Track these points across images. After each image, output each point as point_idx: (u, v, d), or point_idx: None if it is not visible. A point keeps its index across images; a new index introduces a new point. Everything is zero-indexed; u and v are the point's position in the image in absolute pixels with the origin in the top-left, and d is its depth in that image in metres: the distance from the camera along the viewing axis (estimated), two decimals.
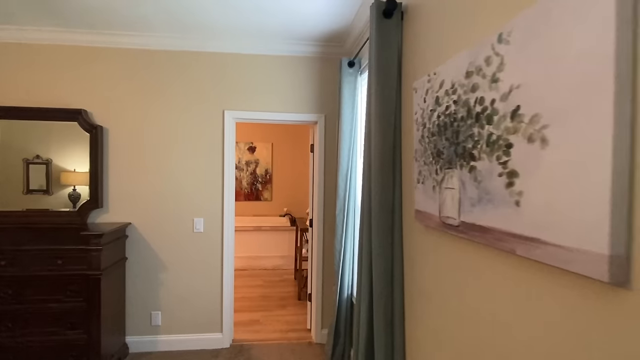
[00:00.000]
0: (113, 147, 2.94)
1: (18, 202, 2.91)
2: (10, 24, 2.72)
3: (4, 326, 2.45)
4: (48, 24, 2.70)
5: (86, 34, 2.81)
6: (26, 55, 2.84)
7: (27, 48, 2.84)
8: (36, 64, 2.85)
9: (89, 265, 2.48)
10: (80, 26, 2.73)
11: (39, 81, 2.86)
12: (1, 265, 2.44)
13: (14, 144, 2.90)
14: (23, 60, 2.84)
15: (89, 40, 2.85)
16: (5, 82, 2.84)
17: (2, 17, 2.61)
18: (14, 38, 2.80)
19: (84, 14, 2.52)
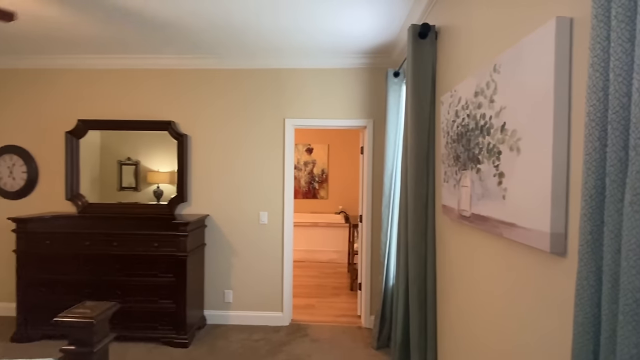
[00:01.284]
0: (195, 152, 3.53)
1: (113, 196, 3.63)
2: (120, 54, 3.42)
3: (114, 293, 3.11)
4: (149, 51, 3.35)
5: (174, 59, 3.43)
6: (129, 78, 3.54)
7: (130, 72, 3.53)
8: (136, 85, 3.54)
9: (178, 248, 3.07)
10: (171, 52, 3.34)
11: (138, 98, 3.55)
12: (114, 245, 3.12)
13: (111, 149, 3.62)
14: (126, 82, 3.54)
15: (175, 64, 3.47)
16: (112, 100, 3.56)
17: (116, 48, 3.31)
18: (121, 65, 3.51)
19: (177, 42, 3.11)
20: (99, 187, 3.61)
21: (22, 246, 3.13)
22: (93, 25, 2.74)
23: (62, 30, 2.84)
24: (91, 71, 3.57)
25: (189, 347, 3.05)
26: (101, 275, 3.10)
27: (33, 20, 2.66)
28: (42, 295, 3.13)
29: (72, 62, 3.52)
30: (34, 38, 3.04)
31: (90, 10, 2.49)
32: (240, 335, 3.29)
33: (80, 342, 1.57)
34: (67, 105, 3.59)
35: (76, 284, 3.11)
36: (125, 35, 2.93)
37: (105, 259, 3.10)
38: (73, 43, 3.14)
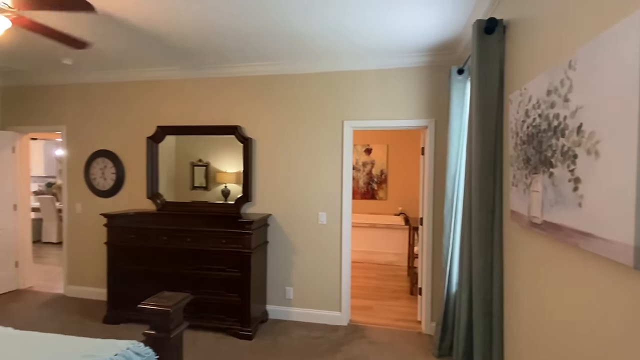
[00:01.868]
0: (259, 154, 3.71)
1: (187, 195, 3.94)
2: (191, 67, 3.72)
3: (188, 285, 3.39)
4: (216, 62, 3.60)
5: (239, 67, 3.64)
6: (201, 87, 3.83)
7: (201, 82, 3.82)
8: (206, 93, 3.82)
9: (243, 245, 3.25)
10: (236, 62, 3.55)
11: (208, 106, 3.82)
12: (187, 241, 3.40)
13: (185, 152, 3.94)
14: (198, 91, 3.84)
15: (241, 72, 3.68)
16: (186, 108, 3.88)
17: (187, 62, 3.60)
18: (194, 75, 3.81)
19: (242, 52, 3.30)
20: (174, 186, 3.96)
21: (111, 239, 3.55)
22: (171, 44, 3.02)
23: (143, 48, 3.17)
24: (168, 82, 3.92)
25: (252, 340, 3.22)
26: (177, 268, 3.40)
27: (116, 42, 3.01)
28: (127, 284, 3.52)
29: (152, 75, 3.90)
30: (118, 56, 3.42)
31: (169, 36, 2.75)
32: (300, 332, 3.39)
33: (159, 328, 1.75)
34: (149, 113, 3.99)
35: (155, 275, 3.44)
36: (195, 50, 3.17)
37: (180, 253, 3.39)
38: (152, 58, 3.48)
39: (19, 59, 3.61)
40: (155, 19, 2.58)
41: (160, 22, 2.64)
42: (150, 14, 2.51)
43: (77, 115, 4.22)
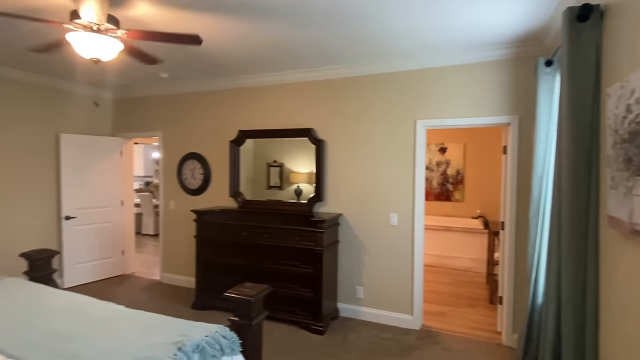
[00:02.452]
0: (330, 155, 3.81)
1: (263, 194, 4.19)
2: (267, 72, 3.95)
3: (265, 278, 3.59)
4: (290, 68, 3.77)
5: (313, 72, 3.77)
6: (276, 92, 4.05)
7: (277, 87, 4.04)
8: (282, 98, 4.03)
9: (315, 243, 3.37)
10: (309, 66, 3.68)
11: (284, 110, 4.02)
12: (265, 237, 3.63)
13: (261, 153, 4.19)
14: (274, 96, 4.06)
15: (313, 76, 3.80)
16: (264, 112, 4.13)
17: (263, 68, 3.83)
18: (270, 82, 4.05)
19: (317, 57, 3.43)
20: (252, 186, 4.25)
21: (199, 233, 3.93)
22: (252, 53, 3.25)
23: (228, 59, 3.45)
24: (249, 89, 4.22)
25: (324, 335, 3.32)
26: (255, 262, 3.65)
27: (207, 57, 3.32)
28: (212, 274, 3.87)
29: (235, 83, 4.23)
30: (206, 67, 3.77)
31: (251, 45, 2.96)
32: (370, 332, 3.40)
33: (242, 315, 1.91)
34: (232, 119, 4.33)
35: (236, 267, 3.73)
36: (274, 57, 3.37)
37: (258, 248, 3.63)
38: (235, 68, 3.77)
39: (125, 75, 4.18)
40: (240, 32, 2.80)
41: (244, 35, 2.86)
42: (238, 32, 2.73)
43: (171, 122, 4.74)
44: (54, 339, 1.70)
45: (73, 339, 1.71)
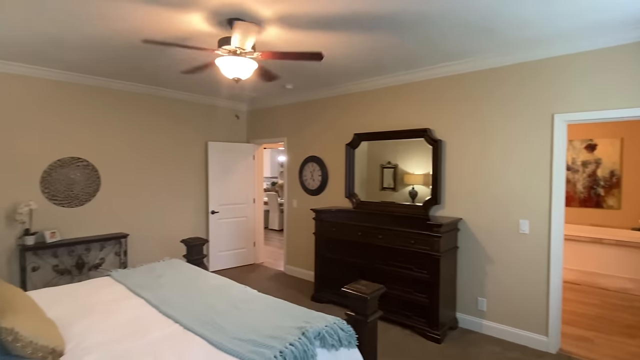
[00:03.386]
0: (449, 156, 3.63)
1: (376, 195, 4.21)
2: (381, 75, 3.98)
3: (378, 278, 3.64)
4: (404, 69, 3.73)
5: (428, 70, 3.65)
6: (391, 94, 4.05)
7: (391, 89, 4.04)
8: (396, 99, 4.01)
9: (431, 247, 3.26)
10: (425, 65, 3.58)
11: (398, 111, 4.00)
12: (378, 238, 3.67)
13: (375, 155, 4.22)
14: (389, 98, 4.07)
15: (429, 75, 3.68)
16: (379, 115, 4.18)
17: (376, 72, 3.88)
18: (384, 84, 4.07)
19: (434, 56, 3.32)
20: (366, 187, 4.34)
21: (318, 230, 4.20)
22: (364, 59, 3.34)
23: (340, 67, 3.62)
24: (362, 93, 4.33)
25: (440, 344, 3.18)
26: (369, 261, 3.72)
27: (325, 67, 3.53)
28: (328, 269, 4.09)
29: (349, 88, 4.39)
30: (324, 76, 4.01)
31: (369, 52, 3.06)
32: (494, 348, 3.12)
33: (358, 311, 1.99)
34: (347, 123, 4.51)
35: (351, 265, 3.87)
36: (387, 60, 3.39)
37: (372, 248, 3.70)
38: (350, 74, 3.92)
39: (257, 89, 4.75)
40: (353, 42, 2.92)
41: (356, 44, 2.97)
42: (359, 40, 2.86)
43: (295, 128, 5.19)
44: (207, 310, 2.08)
45: (219, 313, 2.05)
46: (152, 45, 3.01)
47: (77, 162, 4.18)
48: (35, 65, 3.73)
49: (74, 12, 2.40)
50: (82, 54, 3.32)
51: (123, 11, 2.38)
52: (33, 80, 3.83)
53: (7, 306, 1.60)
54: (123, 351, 1.65)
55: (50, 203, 3.98)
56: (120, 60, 3.50)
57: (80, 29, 2.68)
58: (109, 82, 4.32)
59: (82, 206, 4.22)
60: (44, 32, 2.76)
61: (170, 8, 2.33)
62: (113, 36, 2.83)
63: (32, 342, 1.51)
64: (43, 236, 3.84)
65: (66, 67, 3.80)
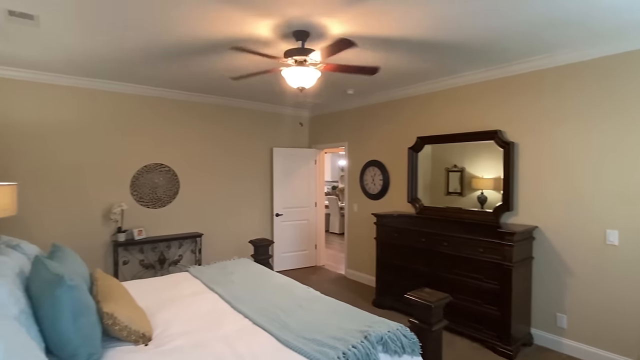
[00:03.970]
0: (523, 159, 3.39)
1: (441, 200, 4.05)
2: (441, 77, 3.85)
3: (444, 287, 3.50)
4: (468, 69, 3.58)
5: (497, 69, 3.45)
6: (455, 95, 3.90)
7: (455, 90, 3.89)
8: (462, 100, 3.85)
9: (503, 257, 3.07)
10: (499, 62, 3.40)
11: (464, 112, 3.84)
12: (443, 245, 3.54)
13: (440, 158, 4.07)
14: (453, 99, 3.92)
15: (498, 74, 3.48)
16: (443, 117, 4.04)
17: (437, 74, 3.76)
18: (446, 85, 3.93)
19: (506, 53, 3.15)
20: (430, 192, 4.20)
21: (379, 235, 4.18)
22: (429, 60, 3.27)
23: (406, 68, 3.57)
24: (425, 95, 4.23)
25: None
26: (433, 269, 3.61)
27: (389, 69, 3.52)
28: (390, 275, 4.04)
29: (411, 91, 4.32)
30: (386, 80, 3.98)
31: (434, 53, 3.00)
32: None
33: (421, 319, 1.96)
34: (409, 126, 4.43)
35: (413, 272, 3.79)
36: (453, 59, 3.27)
37: (436, 256, 3.59)
38: (411, 76, 3.85)
39: (319, 95, 4.87)
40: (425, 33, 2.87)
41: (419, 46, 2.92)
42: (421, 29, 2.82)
43: (355, 133, 5.22)
44: (273, 308, 2.19)
45: (285, 310, 2.15)
46: (217, 53, 3.18)
47: (160, 167, 4.64)
48: (126, 83, 4.23)
49: (154, 25, 2.68)
50: (160, 69, 3.68)
51: (185, 12, 2.30)
52: (124, 96, 4.35)
53: (107, 294, 1.85)
54: (202, 340, 1.81)
55: (137, 204, 4.47)
56: (193, 75, 3.84)
57: (158, 39, 2.89)
58: (188, 95, 4.75)
59: (164, 207, 4.67)
60: (132, 48, 3.08)
61: (245, 12, 2.29)
62: (175, 41, 2.97)
63: (127, 326, 1.73)
64: (132, 234, 4.32)
65: (151, 84, 4.27)
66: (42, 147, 3.85)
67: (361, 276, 5.10)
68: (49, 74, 3.79)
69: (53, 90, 3.89)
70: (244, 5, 2.21)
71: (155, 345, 1.76)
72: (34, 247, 2.14)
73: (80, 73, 3.81)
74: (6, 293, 1.31)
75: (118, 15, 2.34)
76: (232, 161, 5.27)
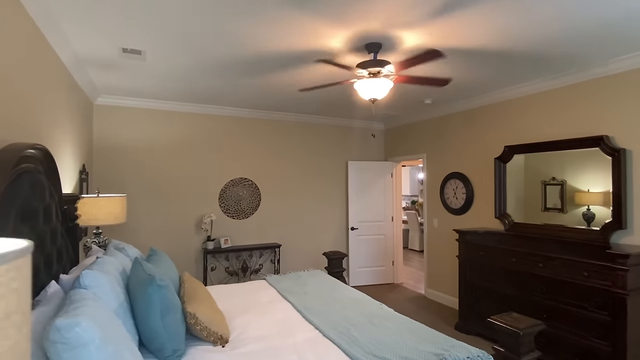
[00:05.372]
0: (637, 168, 2.88)
1: (537, 217, 3.59)
2: (533, 79, 3.48)
3: (539, 314, 3.10)
4: (563, 70, 3.18)
5: (601, 67, 3.01)
6: (549, 99, 3.49)
7: (549, 94, 3.48)
8: (558, 104, 3.42)
9: (614, 283, 2.60)
10: (602, 58, 2.97)
11: (562, 117, 3.40)
12: (538, 266, 3.15)
13: (535, 170, 3.63)
14: (548, 104, 3.51)
15: (604, 71, 3.03)
16: (535, 123, 3.64)
17: (524, 77, 3.40)
18: (539, 89, 3.54)
19: (611, 48, 2.75)
20: (523, 207, 3.78)
21: (462, 253, 3.88)
22: (517, 61, 3.00)
23: (492, 72, 3.32)
24: (513, 100, 3.87)
25: None
26: (525, 293, 3.22)
27: (468, 73, 3.31)
28: (475, 298, 3.70)
29: (497, 97, 3.99)
30: (468, 86, 3.75)
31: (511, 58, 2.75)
32: None
33: (508, 347, 1.75)
34: (495, 134, 4.09)
35: (502, 295, 3.42)
36: (541, 58, 2.95)
37: (529, 278, 3.20)
38: (497, 80, 3.56)
39: (393, 107, 4.78)
40: (503, 37, 2.66)
41: (508, 39, 2.70)
42: (501, 34, 2.62)
43: (434, 144, 4.99)
44: (344, 322, 2.16)
45: (355, 325, 2.10)
46: (284, 69, 3.29)
47: (244, 181, 4.99)
48: (214, 105, 4.68)
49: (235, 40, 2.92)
50: (241, 87, 3.98)
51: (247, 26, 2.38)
52: (213, 117, 4.81)
53: (192, 296, 2.02)
54: (274, 347, 1.86)
55: (224, 215, 4.84)
56: (270, 94, 4.08)
57: (239, 53, 3.19)
58: (268, 114, 5.07)
59: (247, 218, 4.99)
60: (215, 65, 3.42)
61: (323, 23, 2.28)
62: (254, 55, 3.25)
63: (207, 327, 1.86)
64: (219, 242, 4.69)
65: (235, 104, 4.65)
66: (148, 164, 4.43)
67: (443, 297, 4.77)
68: (153, 101, 4.38)
69: (155, 114, 4.48)
70: (322, 16, 2.19)
71: (232, 348, 1.86)
72: (136, 250, 2.44)
73: (177, 99, 4.33)
74: (109, 288, 1.52)
75: (206, 40, 2.60)
76: (308, 174, 5.43)
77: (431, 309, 4.53)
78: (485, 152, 4.21)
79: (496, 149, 4.01)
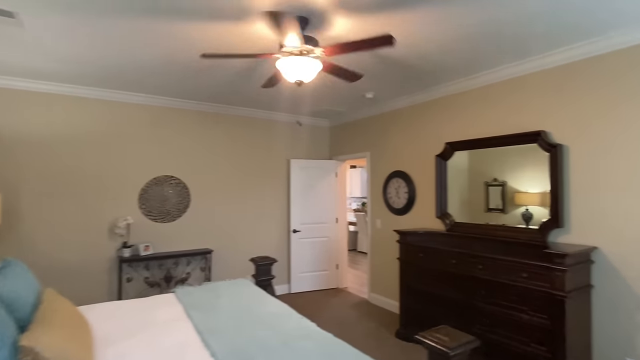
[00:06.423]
0: (574, 165, 2.79)
1: (480, 217, 3.45)
2: (473, 74, 3.34)
3: (480, 320, 2.92)
4: (497, 64, 3.05)
5: (536, 60, 2.91)
6: (485, 94, 3.37)
7: (484, 89, 3.36)
8: (495, 100, 3.30)
9: (551, 284, 2.46)
10: (538, 52, 2.86)
11: (499, 113, 3.29)
12: (478, 268, 2.97)
13: (477, 170, 3.50)
14: (483, 99, 3.39)
15: (537, 65, 2.93)
16: (474, 120, 3.50)
17: (474, 67, 3.25)
18: (474, 84, 3.41)
19: (550, 39, 2.62)
20: (467, 208, 3.62)
21: (402, 255, 3.65)
22: (452, 49, 2.81)
23: (424, 65, 3.12)
24: (453, 96, 3.72)
25: None
26: (466, 297, 3.03)
27: (411, 66, 3.09)
28: (416, 302, 3.48)
29: (436, 93, 3.82)
30: (408, 81, 3.54)
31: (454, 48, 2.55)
32: None
33: None
34: (437, 131, 3.92)
35: (443, 300, 3.21)
36: (481, 51, 2.79)
37: (470, 281, 3.01)
38: (434, 75, 3.38)
39: (338, 102, 4.50)
40: (438, 29, 2.44)
41: (443, 32, 2.48)
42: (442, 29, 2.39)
43: (378, 142, 4.77)
44: (251, 345, 1.77)
45: (264, 349, 1.72)
46: (231, 66, 2.97)
47: (170, 180, 4.44)
48: (134, 92, 4.10)
49: (155, 39, 2.46)
50: (163, 78, 3.50)
51: (187, 29, 2.34)
52: (128, 106, 4.21)
53: (46, 321, 1.53)
54: None
55: (145, 218, 4.26)
56: (202, 84, 3.61)
57: (156, 53, 2.76)
58: (197, 104, 4.56)
59: (173, 222, 4.44)
60: (141, 59, 2.93)
61: (229, 21, 2.23)
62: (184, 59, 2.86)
63: None
64: (138, 249, 4.10)
65: (159, 93, 4.11)
66: (48, 157, 3.75)
67: (386, 301, 4.54)
68: (54, 84, 3.72)
69: (60, 100, 3.82)
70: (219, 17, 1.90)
71: None
72: None
73: (84, 83, 3.71)
74: None
75: (125, 28, 2.12)
76: (247, 173, 4.99)
77: (373, 315, 4.27)
78: (427, 150, 4.04)
79: (438, 147, 3.85)
